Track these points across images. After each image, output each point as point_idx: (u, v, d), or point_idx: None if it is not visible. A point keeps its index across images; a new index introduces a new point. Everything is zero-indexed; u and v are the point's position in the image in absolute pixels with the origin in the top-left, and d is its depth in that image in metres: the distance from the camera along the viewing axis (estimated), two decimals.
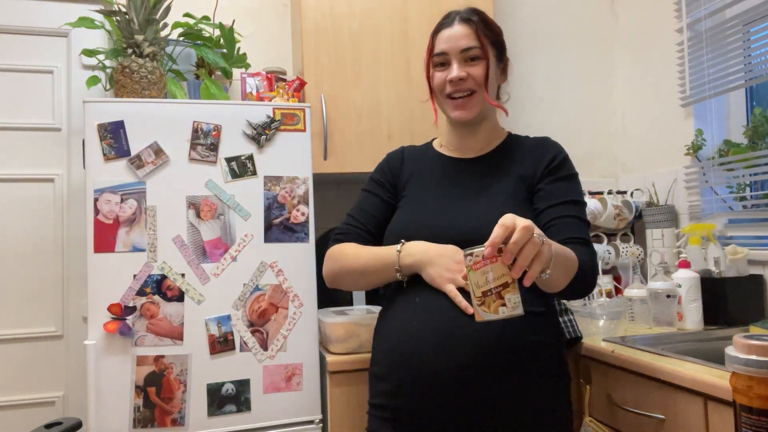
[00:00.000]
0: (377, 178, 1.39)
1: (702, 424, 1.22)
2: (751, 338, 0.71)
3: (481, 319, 0.90)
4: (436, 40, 1.27)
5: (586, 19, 2.62)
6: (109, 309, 1.55)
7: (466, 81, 1.23)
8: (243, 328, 1.64)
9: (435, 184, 1.30)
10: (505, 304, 0.89)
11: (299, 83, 1.92)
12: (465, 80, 1.23)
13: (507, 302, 0.89)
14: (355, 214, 1.35)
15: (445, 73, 1.25)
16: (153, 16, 1.81)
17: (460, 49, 1.23)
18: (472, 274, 0.89)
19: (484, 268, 0.88)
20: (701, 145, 2.07)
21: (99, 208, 1.57)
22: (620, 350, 1.46)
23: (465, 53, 1.23)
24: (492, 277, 0.88)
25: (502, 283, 0.89)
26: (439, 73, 1.27)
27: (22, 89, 2.10)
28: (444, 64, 1.26)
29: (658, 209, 2.16)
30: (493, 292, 0.89)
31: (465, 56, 1.24)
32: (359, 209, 1.36)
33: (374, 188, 1.37)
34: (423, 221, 1.22)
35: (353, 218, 1.35)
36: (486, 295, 0.89)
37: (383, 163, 1.41)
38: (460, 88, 1.24)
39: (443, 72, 1.25)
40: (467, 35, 1.23)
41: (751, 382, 0.69)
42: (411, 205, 1.28)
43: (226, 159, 1.66)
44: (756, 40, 1.90)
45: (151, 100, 1.66)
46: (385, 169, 1.39)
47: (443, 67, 1.26)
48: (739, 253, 1.78)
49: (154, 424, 1.56)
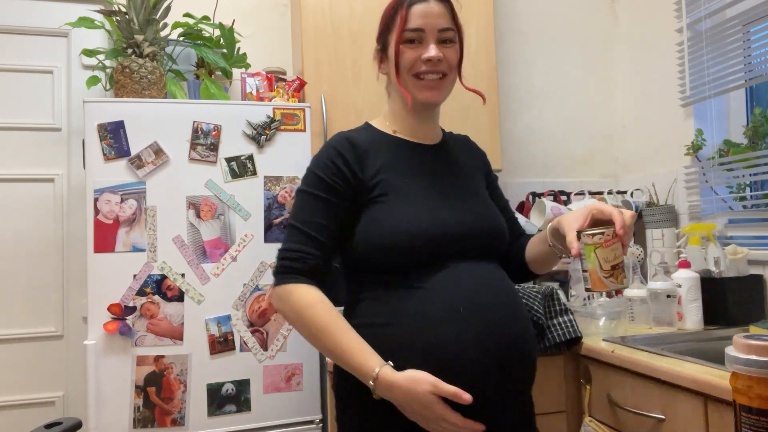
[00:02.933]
0: (326, 178, 1.13)
1: (702, 424, 1.22)
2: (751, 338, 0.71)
3: (607, 288, 1.04)
4: (409, 14, 1.14)
5: (586, 19, 2.62)
6: (109, 309, 1.55)
7: (441, 63, 1.15)
8: (243, 328, 1.64)
9: (415, 176, 1.17)
10: (626, 277, 1.04)
11: (299, 83, 1.92)
12: (441, 61, 1.15)
13: (626, 275, 1.05)
14: (309, 230, 1.10)
15: (417, 51, 1.14)
16: (153, 16, 1.81)
17: (437, 28, 1.14)
18: (600, 250, 1.02)
19: (615, 245, 1.02)
20: (701, 145, 2.07)
21: (99, 208, 1.57)
22: (620, 350, 1.46)
23: (441, 33, 1.15)
24: (618, 253, 1.03)
25: (623, 258, 1.04)
26: (410, 50, 1.15)
27: (22, 89, 2.10)
28: (414, 41, 1.15)
29: (658, 209, 2.16)
30: (620, 267, 1.03)
31: (441, 37, 1.15)
32: (312, 222, 1.11)
33: (326, 192, 1.12)
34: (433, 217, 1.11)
35: (305, 236, 1.10)
36: (615, 269, 1.02)
37: (332, 158, 1.14)
38: (436, 69, 1.15)
39: (414, 50, 1.14)
40: (443, 15, 1.16)
41: (751, 382, 0.69)
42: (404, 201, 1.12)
43: (226, 159, 1.66)
44: (756, 40, 1.90)
45: (151, 100, 1.66)
46: (339, 166, 1.13)
47: (414, 44, 1.15)
48: (739, 253, 1.77)
49: (154, 424, 1.56)
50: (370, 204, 1.12)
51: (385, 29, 1.20)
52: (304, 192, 1.15)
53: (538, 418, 1.20)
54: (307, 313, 1.06)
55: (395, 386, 0.99)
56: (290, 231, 1.13)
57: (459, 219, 1.14)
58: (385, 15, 1.20)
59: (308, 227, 1.10)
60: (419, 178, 1.17)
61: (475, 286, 1.10)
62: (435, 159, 1.22)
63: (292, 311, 1.09)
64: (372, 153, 1.17)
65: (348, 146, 1.16)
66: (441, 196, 1.16)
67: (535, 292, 1.66)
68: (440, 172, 1.21)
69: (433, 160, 1.22)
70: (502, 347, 1.06)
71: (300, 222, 1.12)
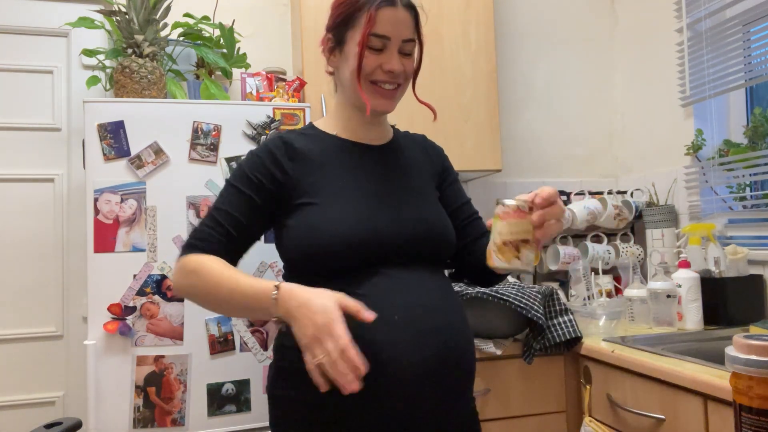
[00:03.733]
0: (253, 177, 1.12)
1: (702, 424, 1.22)
2: (751, 338, 0.71)
3: (492, 264, 0.96)
4: (377, 17, 1.09)
5: (586, 19, 2.62)
6: (109, 309, 1.55)
7: (399, 74, 1.13)
8: (243, 328, 1.64)
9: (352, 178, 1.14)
10: (519, 258, 0.95)
11: (299, 83, 1.92)
12: (399, 74, 1.13)
13: (521, 257, 0.95)
14: (221, 218, 1.11)
15: (379, 59, 1.11)
16: (153, 16, 1.81)
17: (402, 38, 1.12)
18: (498, 222, 0.96)
19: (510, 220, 0.95)
20: (701, 145, 2.07)
21: (99, 208, 1.57)
22: (620, 350, 1.46)
23: (404, 44, 1.12)
24: (515, 230, 0.94)
25: (523, 238, 0.94)
26: (371, 56, 1.11)
27: (22, 89, 2.10)
28: (378, 49, 1.11)
29: (658, 209, 2.16)
30: (512, 244, 0.94)
31: (403, 47, 1.12)
32: (226, 212, 1.11)
33: (247, 187, 1.12)
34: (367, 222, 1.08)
35: (217, 222, 1.11)
36: (505, 245, 0.95)
37: (263, 156, 1.14)
38: (394, 80, 1.13)
39: (376, 56, 1.11)
40: (409, 24, 1.13)
41: (751, 382, 0.69)
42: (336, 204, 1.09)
43: (226, 159, 1.66)
44: (756, 40, 1.90)
45: (151, 100, 1.66)
46: (267, 166, 1.13)
47: (377, 51, 1.11)
48: (739, 253, 1.78)
49: (154, 424, 1.56)
50: (302, 207, 1.10)
51: (342, 22, 1.14)
52: (228, 182, 1.15)
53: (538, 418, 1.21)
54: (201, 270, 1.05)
55: (296, 291, 0.96)
56: (207, 214, 1.14)
57: (395, 224, 1.10)
58: (343, 5, 1.14)
59: (220, 215, 1.11)
60: (355, 180, 1.14)
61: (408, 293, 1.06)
62: (377, 160, 1.19)
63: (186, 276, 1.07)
64: (307, 153, 1.15)
65: (281, 145, 1.15)
66: (378, 199, 1.12)
67: (535, 292, 1.66)
68: (381, 174, 1.17)
69: (375, 161, 1.18)
70: (437, 356, 1.03)
71: (215, 209, 1.13)
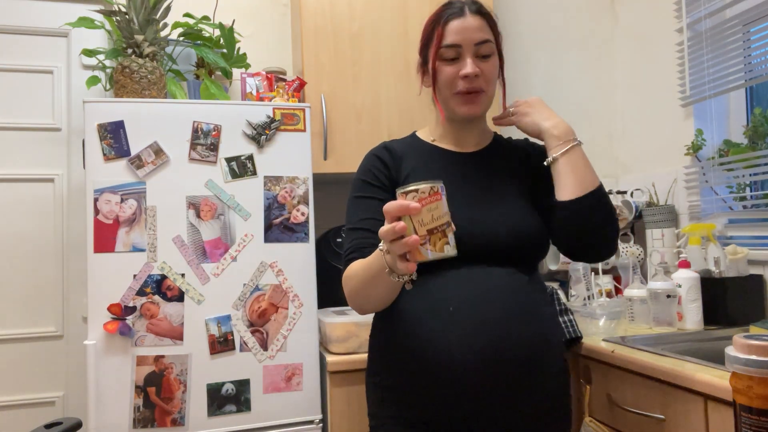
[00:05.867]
0: (371, 180, 1.21)
1: (702, 424, 1.22)
2: (751, 338, 0.71)
3: (424, 259, 0.86)
4: (445, 31, 1.16)
5: (586, 19, 2.62)
6: (109, 309, 1.55)
7: (478, 78, 1.15)
8: (243, 328, 1.64)
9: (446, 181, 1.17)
10: (449, 243, 0.87)
11: (299, 83, 1.92)
12: (478, 77, 1.15)
13: (450, 240, 0.88)
14: (362, 226, 1.16)
15: (456, 68, 1.15)
16: (153, 16, 1.81)
17: (474, 42, 1.15)
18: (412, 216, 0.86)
19: (430, 204, 0.86)
20: (701, 145, 2.07)
21: (99, 208, 1.57)
22: (620, 350, 1.46)
23: (478, 47, 1.15)
24: (437, 214, 0.86)
25: (446, 221, 0.87)
26: (448, 67, 1.16)
27: (22, 89, 2.10)
28: (453, 59, 1.16)
29: (658, 209, 2.16)
30: (439, 230, 0.86)
31: (477, 51, 1.15)
32: (365, 219, 1.16)
33: (372, 192, 1.20)
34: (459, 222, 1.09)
35: (360, 231, 1.16)
36: (431, 233, 0.86)
37: (372, 162, 1.24)
38: (473, 85, 1.15)
39: (453, 66, 1.16)
40: (481, 28, 1.16)
41: (751, 382, 0.69)
42: None
43: (226, 159, 1.66)
44: (756, 40, 1.90)
45: (151, 100, 1.66)
46: (378, 167, 1.23)
47: (452, 62, 1.16)
48: (739, 253, 1.78)
49: (154, 424, 1.56)
50: None
51: (425, 44, 1.22)
52: (353, 197, 1.22)
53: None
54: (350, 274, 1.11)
55: None
56: (347, 233, 1.19)
57: (479, 223, 1.13)
58: (425, 29, 1.23)
59: (362, 224, 1.16)
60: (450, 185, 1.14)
61: (475, 286, 1.09)
62: (469, 165, 1.24)
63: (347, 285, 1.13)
64: (406, 159, 1.23)
65: (384, 152, 1.25)
66: (466, 200, 1.16)
67: None
68: (471, 178, 1.21)
69: (467, 166, 1.24)
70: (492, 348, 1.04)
71: (353, 223, 1.18)
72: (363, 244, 1.14)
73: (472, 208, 1.16)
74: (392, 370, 1.14)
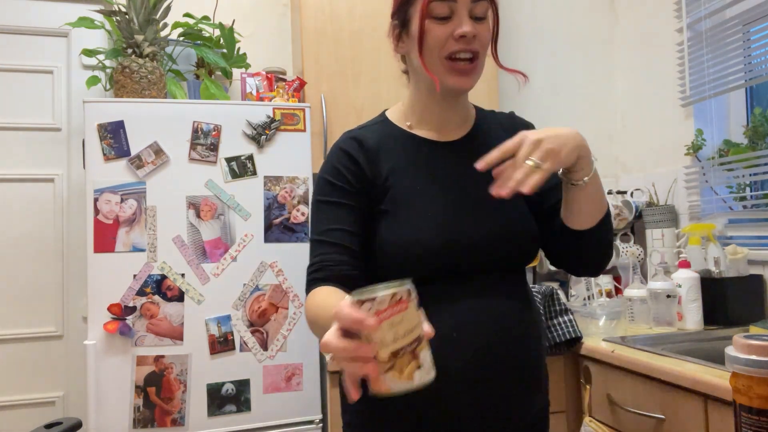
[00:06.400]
0: (337, 181, 1.03)
1: (702, 424, 1.22)
2: (751, 338, 0.71)
3: (389, 391, 0.63)
4: None
5: (586, 19, 2.62)
6: (109, 309, 1.55)
7: (475, 40, 0.99)
8: (243, 328, 1.64)
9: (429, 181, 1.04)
10: (421, 366, 0.63)
11: (299, 83, 1.92)
12: (475, 38, 0.99)
13: (423, 362, 0.63)
14: (328, 238, 1.01)
15: (448, 28, 0.98)
16: (153, 16, 1.81)
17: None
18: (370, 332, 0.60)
19: (394, 317, 0.60)
20: (701, 145, 2.07)
21: (99, 208, 1.57)
22: (620, 350, 1.46)
23: (474, 6, 0.98)
24: (403, 330, 0.61)
25: (415, 337, 0.62)
26: (438, 26, 0.98)
27: (22, 89, 2.10)
28: (444, 17, 0.98)
29: (658, 209, 2.16)
30: (407, 351, 0.62)
31: (473, 10, 0.99)
32: (331, 230, 1.01)
33: (339, 195, 1.03)
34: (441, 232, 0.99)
35: (326, 245, 1.00)
36: (396, 356, 0.62)
37: (339, 158, 1.05)
38: (469, 47, 0.99)
39: (444, 25, 0.98)
40: None
41: (751, 382, 0.69)
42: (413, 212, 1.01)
43: (226, 159, 1.66)
44: (756, 40, 1.90)
45: (151, 100, 1.66)
46: (347, 165, 1.04)
47: (443, 21, 0.98)
48: (739, 253, 1.78)
49: (154, 424, 1.56)
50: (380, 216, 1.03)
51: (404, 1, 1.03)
52: (317, 201, 1.06)
53: None
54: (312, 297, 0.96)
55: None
56: (312, 246, 1.04)
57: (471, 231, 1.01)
58: None
59: (328, 236, 1.01)
60: (432, 183, 1.04)
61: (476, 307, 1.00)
62: (454, 158, 1.07)
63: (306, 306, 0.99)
64: (382, 153, 1.05)
65: (354, 145, 1.05)
66: (455, 204, 1.03)
67: (534, 292, 1.66)
68: (459, 174, 1.06)
69: (452, 159, 1.07)
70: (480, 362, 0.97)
71: (318, 233, 1.02)
72: (327, 261, 0.99)
73: (459, 213, 1.02)
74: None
